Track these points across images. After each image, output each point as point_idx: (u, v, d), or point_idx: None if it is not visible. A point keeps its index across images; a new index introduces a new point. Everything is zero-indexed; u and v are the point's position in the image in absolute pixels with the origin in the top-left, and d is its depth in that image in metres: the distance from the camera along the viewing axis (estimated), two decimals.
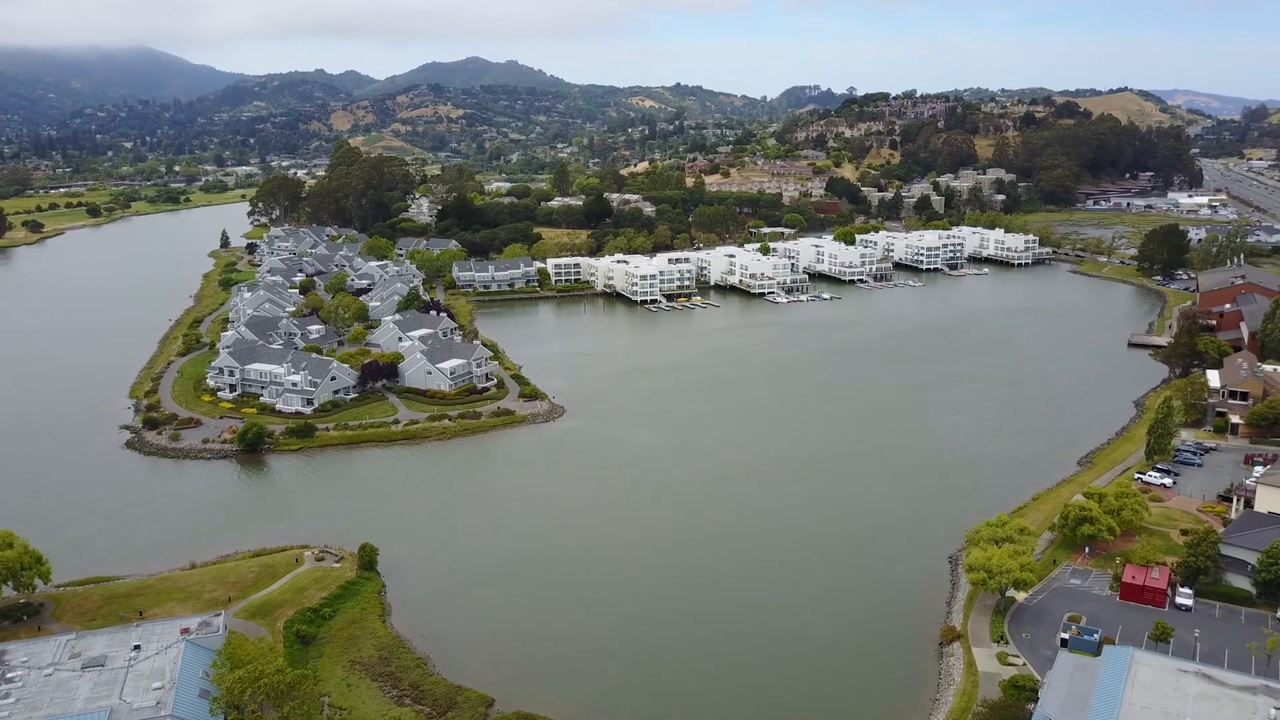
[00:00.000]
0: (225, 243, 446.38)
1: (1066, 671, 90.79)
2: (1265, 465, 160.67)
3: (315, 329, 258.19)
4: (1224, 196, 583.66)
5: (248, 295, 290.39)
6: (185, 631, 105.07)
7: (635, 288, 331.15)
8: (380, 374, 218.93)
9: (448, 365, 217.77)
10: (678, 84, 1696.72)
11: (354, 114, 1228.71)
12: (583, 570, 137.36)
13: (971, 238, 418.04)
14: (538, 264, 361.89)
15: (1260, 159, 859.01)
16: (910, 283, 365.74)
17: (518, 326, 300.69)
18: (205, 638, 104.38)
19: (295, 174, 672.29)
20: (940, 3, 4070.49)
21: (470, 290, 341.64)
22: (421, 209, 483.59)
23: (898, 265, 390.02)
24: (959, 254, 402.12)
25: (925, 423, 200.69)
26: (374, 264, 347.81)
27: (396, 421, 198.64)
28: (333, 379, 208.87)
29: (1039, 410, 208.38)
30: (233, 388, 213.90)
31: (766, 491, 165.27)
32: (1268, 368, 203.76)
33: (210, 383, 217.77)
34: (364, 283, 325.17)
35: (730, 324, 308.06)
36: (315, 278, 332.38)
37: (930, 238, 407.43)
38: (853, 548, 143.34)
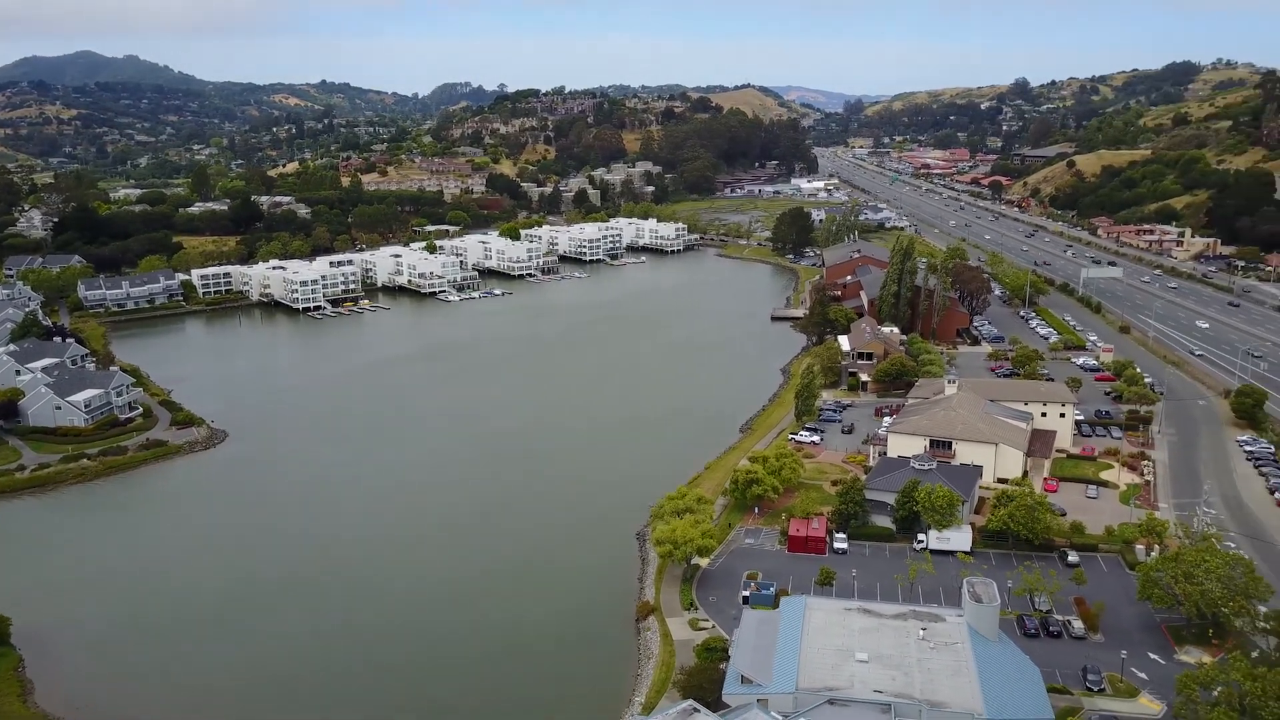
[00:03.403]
0: None
1: (751, 627, 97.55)
2: (892, 415, 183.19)
3: None
4: (836, 181, 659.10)
5: None
6: None
7: (295, 294, 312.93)
8: None
9: (81, 397, 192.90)
10: (324, 81, 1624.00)
11: None
12: (258, 609, 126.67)
13: (628, 228, 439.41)
14: (181, 276, 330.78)
15: (861, 147, 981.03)
16: (576, 274, 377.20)
17: (163, 347, 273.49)
18: None
19: None
20: (580, 4, 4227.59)
21: (102, 310, 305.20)
22: (33, 222, 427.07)
23: (563, 258, 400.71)
24: (618, 244, 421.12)
25: (599, 404, 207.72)
26: None
27: (21, 468, 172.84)
28: None
29: (701, 384, 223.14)
30: None
31: (452, 492, 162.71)
32: (885, 330, 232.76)
33: None
34: None
35: (403, 326, 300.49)
36: None
37: (591, 230, 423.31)
38: (544, 536, 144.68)
